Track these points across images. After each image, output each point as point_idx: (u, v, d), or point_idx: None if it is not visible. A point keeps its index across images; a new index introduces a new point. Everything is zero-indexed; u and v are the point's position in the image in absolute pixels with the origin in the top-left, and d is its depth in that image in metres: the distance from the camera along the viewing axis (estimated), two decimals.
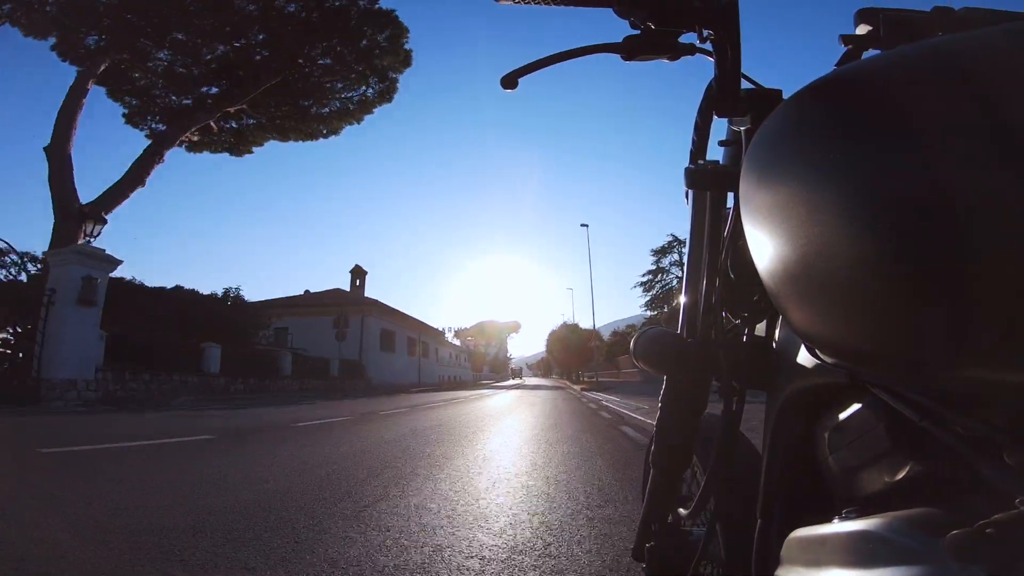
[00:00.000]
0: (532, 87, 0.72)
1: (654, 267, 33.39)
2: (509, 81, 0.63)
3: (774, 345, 0.57)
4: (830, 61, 0.59)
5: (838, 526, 0.38)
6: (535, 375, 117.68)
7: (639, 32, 0.58)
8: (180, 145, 14.32)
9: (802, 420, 0.49)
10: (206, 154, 15.96)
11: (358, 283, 33.04)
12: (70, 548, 1.60)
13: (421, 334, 35.77)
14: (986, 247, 0.24)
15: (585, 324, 54.18)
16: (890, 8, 0.56)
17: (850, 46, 0.56)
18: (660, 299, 32.75)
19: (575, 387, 30.08)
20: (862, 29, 0.55)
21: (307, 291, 30.75)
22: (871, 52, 0.56)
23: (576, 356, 45.23)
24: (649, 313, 33.11)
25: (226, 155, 16.00)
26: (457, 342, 73.85)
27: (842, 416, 0.42)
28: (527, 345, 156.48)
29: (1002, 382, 0.26)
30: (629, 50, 0.59)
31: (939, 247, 0.25)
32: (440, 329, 47.16)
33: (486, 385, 38.49)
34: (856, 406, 0.41)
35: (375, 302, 28.16)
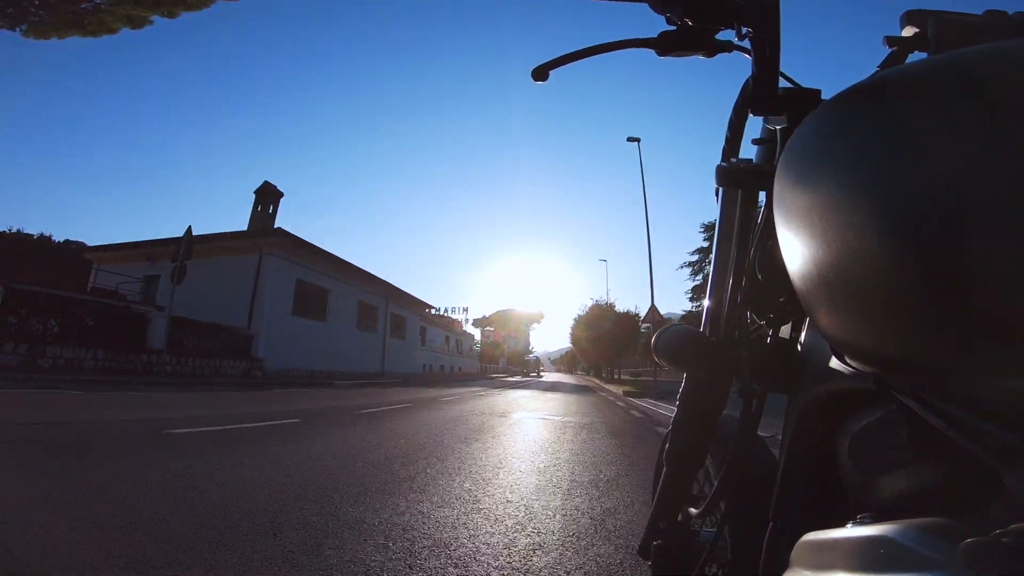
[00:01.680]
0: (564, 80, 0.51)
1: (706, 243, 28.73)
2: (540, 73, 0.62)
3: (799, 348, 0.55)
4: (874, 62, 0.59)
5: (851, 531, 0.37)
6: (558, 371, 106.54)
7: (675, 28, 0.58)
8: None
9: (823, 424, 0.48)
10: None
11: (270, 211, 20.45)
12: None
13: (391, 302, 24.34)
14: (1008, 258, 0.24)
15: (623, 305, 42.12)
16: (940, 10, 0.53)
17: (895, 48, 0.54)
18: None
19: (610, 388, 20.23)
20: (908, 31, 0.53)
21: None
22: (917, 55, 0.55)
23: (611, 346, 32.25)
24: (688, 307, 29.75)
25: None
26: (476, 332, 65.58)
27: (865, 422, 0.42)
28: (551, 340, 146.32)
29: None
30: (664, 46, 0.59)
31: (976, 257, 0.26)
32: (434, 307, 36.46)
33: (491, 380, 28.56)
34: (880, 412, 0.40)
35: (281, 233, 15.82)
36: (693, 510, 0.74)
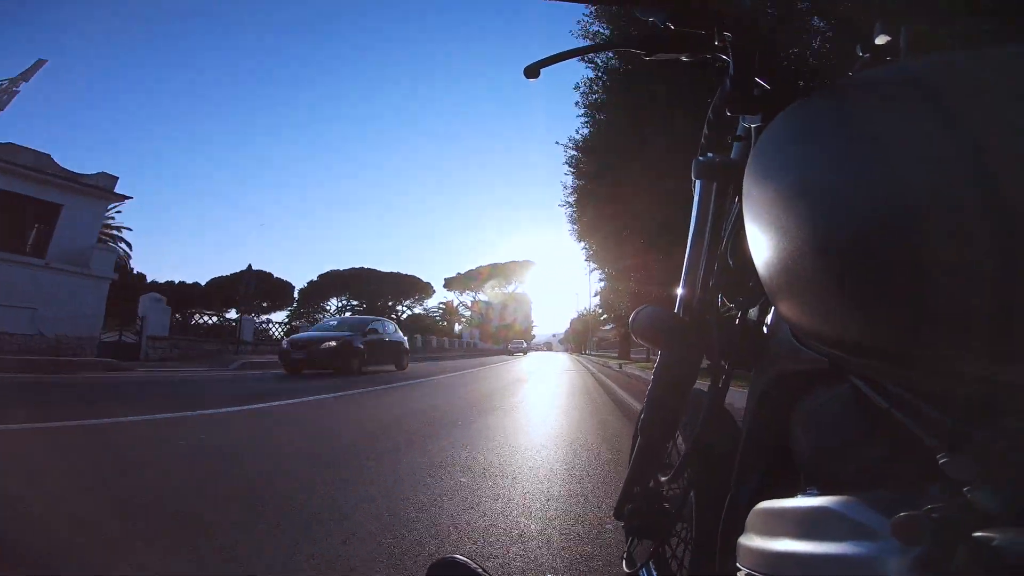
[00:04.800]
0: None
1: None
2: (532, 71, 0.65)
3: (764, 330, 0.58)
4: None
5: (800, 501, 0.41)
6: (567, 350, 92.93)
7: (660, 31, 0.61)
8: None
9: (782, 402, 0.51)
10: None
11: None
12: None
13: None
14: (952, 254, 0.27)
15: None
16: (914, 20, 0.49)
17: (867, 55, 0.56)
18: None
19: None
20: (881, 39, 0.55)
21: None
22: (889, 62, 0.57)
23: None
24: None
25: None
26: (454, 297, 53.48)
27: (819, 400, 0.45)
28: (557, 321, 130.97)
29: (965, 376, 0.28)
30: (649, 48, 0.63)
31: (923, 251, 0.28)
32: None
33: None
34: (833, 392, 0.43)
35: None
36: (663, 477, 0.79)
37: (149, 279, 36.09)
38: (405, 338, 13.22)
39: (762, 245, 0.39)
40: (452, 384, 8.50)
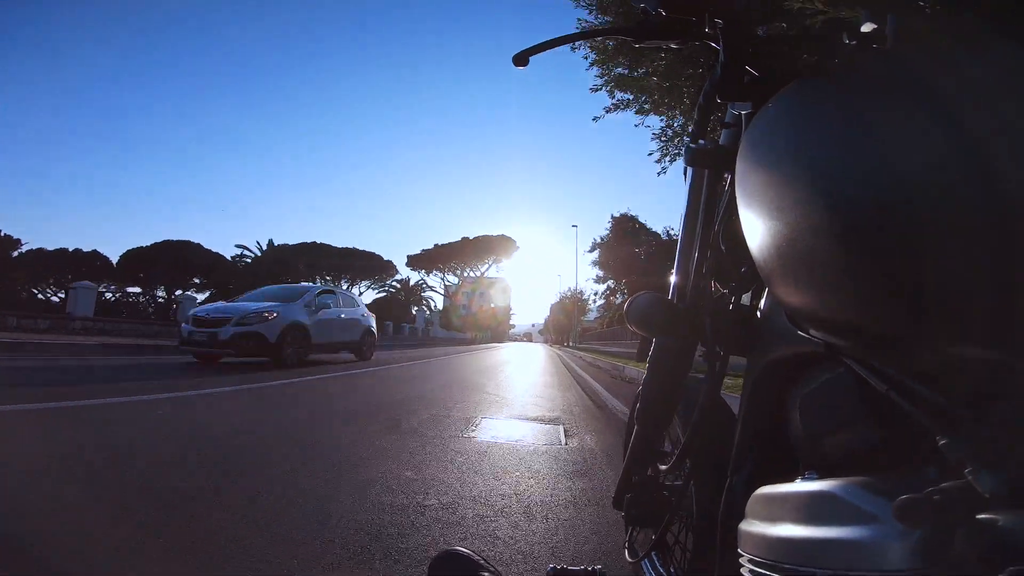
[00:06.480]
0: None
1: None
2: (520, 59, 0.66)
3: (758, 315, 0.58)
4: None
5: (799, 486, 0.41)
6: (546, 341, 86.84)
7: (651, 18, 0.62)
8: None
9: (778, 386, 0.51)
10: None
11: None
12: None
13: None
14: (946, 236, 0.27)
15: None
16: (901, 8, 0.56)
17: (854, 42, 0.57)
18: None
19: None
20: (867, 27, 0.56)
21: None
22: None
23: None
24: None
25: None
26: (419, 276, 46.40)
27: (815, 384, 0.45)
28: (535, 311, 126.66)
29: (962, 359, 0.29)
30: (640, 34, 0.64)
31: (908, 234, 0.28)
32: None
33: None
34: (829, 375, 0.43)
35: None
36: (662, 466, 0.80)
37: (34, 245, 29.58)
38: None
39: (757, 229, 0.39)
40: None
